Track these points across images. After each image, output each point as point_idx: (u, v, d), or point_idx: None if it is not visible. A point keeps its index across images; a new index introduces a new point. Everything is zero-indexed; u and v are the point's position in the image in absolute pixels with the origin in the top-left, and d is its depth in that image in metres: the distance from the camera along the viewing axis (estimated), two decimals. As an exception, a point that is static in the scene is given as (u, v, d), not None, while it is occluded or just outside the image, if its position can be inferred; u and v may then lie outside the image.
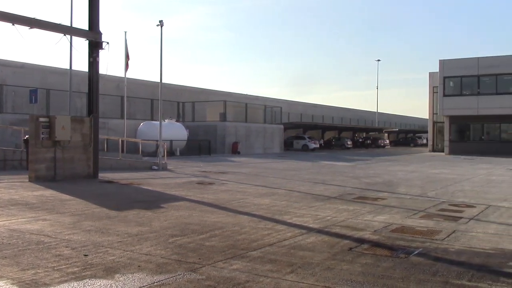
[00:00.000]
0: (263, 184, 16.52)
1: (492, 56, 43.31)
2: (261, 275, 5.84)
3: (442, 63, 44.79)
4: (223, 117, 42.60)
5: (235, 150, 40.26)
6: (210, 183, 16.61)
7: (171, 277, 5.67)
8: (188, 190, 14.48)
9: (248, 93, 57.65)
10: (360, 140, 68.55)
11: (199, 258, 6.53)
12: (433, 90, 49.89)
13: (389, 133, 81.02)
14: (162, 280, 5.54)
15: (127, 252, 6.79)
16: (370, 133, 75.37)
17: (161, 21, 23.58)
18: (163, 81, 25.01)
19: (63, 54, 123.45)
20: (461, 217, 10.18)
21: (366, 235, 8.32)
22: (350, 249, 7.25)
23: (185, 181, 17.22)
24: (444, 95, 44.48)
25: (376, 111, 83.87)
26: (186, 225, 8.95)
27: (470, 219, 10.03)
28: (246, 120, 44.71)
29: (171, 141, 33.79)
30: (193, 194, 13.53)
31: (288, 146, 51.41)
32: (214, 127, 41.10)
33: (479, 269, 6.24)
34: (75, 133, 17.00)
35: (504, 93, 42.00)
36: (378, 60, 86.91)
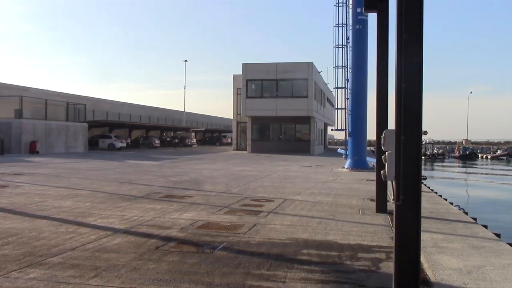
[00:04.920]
0: (65, 186, 15.54)
1: (288, 62, 47.04)
2: (62, 282, 5.48)
3: (245, 66, 47.23)
4: (19, 113, 38.95)
5: (33, 150, 37.16)
6: (3, 186, 15.05)
7: (-47, 294, 4.99)
8: (-24, 195, 12.92)
9: (49, 89, 53.65)
10: (168, 139, 68.79)
11: (-11, 270, 5.87)
12: (237, 92, 52.37)
13: (196, 132, 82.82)
14: None
15: None
16: (178, 132, 76.15)
17: None
18: None
19: None
20: (261, 211, 10.86)
21: (173, 233, 8.38)
22: (157, 248, 7.22)
23: (-27, 185, 15.33)
24: (247, 97, 46.97)
25: (184, 110, 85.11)
26: (-28, 233, 7.97)
27: (269, 212, 10.77)
28: (46, 117, 41.56)
29: (-46, 139, 29.80)
30: (-18, 199, 12.11)
31: (93, 145, 49.21)
32: (8, 125, 37.34)
33: (276, 259, 6.73)
34: None
35: (298, 97, 46.01)
36: (186, 61, 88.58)
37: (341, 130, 34.68)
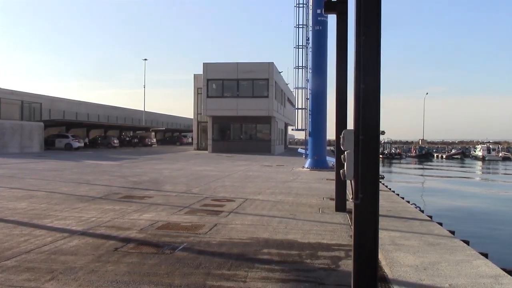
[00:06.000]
0: (20, 187, 15.08)
1: (249, 62, 47.08)
2: (16, 286, 5.33)
3: (206, 66, 47.01)
4: (-29, 112, 37.69)
5: (-14, 150, 35.97)
6: (-46, 187, 14.50)
7: None
8: None
9: (2, 87, 51.96)
10: (127, 138, 67.78)
11: None
12: (197, 92, 52.05)
13: (156, 132, 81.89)
14: None
15: None
16: (138, 132, 75.17)
17: None
18: None
19: None
20: (222, 211, 10.84)
21: (132, 234, 8.26)
22: (116, 249, 7.10)
23: None
24: (208, 97, 46.76)
25: (143, 110, 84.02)
26: None
27: (230, 212, 10.76)
28: (0, 116, 40.27)
29: None
30: None
31: (50, 145, 47.96)
32: (-41, 124, 36.05)
33: (237, 258, 6.73)
34: None
35: (259, 97, 46.15)
36: (145, 59, 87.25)
37: (302, 130, 34.89)
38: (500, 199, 29.60)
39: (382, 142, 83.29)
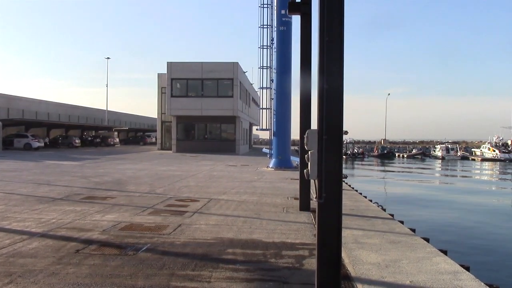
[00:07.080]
0: (-23, 188, 14.61)
1: (214, 62, 46.93)
2: (-28, 290, 5.16)
3: (170, 65, 46.60)
4: None
5: None
6: None
7: None
8: None
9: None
10: (89, 138, 66.50)
11: None
12: (161, 91, 51.54)
13: (119, 131, 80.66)
14: None
15: None
16: (100, 132, 73.86)
17: None
18: None
19: None
20: (186, 211, 10.78)
21: (95, 235, 8.12)
22: (77, 251, 6.97)
23: None
24: (172, 96, 46.36)
25: (106, 109, 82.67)
26: None
27: (194, 212, 10.71)
28: (-45, 115, 38.94)
29: None
30: None
31: (8, 145, 46.64)
32: None
33: (201, 259, 6.70)
34: None
35: (224, 96, 46.07)
36: (108, 58, 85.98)
37: (266, 130, 35.00)
38: (444, 189, 30.46)
39: (345, 142, 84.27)
